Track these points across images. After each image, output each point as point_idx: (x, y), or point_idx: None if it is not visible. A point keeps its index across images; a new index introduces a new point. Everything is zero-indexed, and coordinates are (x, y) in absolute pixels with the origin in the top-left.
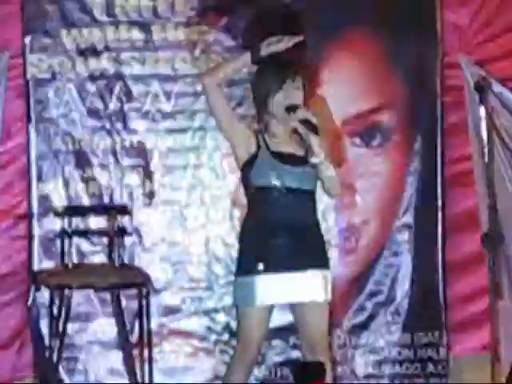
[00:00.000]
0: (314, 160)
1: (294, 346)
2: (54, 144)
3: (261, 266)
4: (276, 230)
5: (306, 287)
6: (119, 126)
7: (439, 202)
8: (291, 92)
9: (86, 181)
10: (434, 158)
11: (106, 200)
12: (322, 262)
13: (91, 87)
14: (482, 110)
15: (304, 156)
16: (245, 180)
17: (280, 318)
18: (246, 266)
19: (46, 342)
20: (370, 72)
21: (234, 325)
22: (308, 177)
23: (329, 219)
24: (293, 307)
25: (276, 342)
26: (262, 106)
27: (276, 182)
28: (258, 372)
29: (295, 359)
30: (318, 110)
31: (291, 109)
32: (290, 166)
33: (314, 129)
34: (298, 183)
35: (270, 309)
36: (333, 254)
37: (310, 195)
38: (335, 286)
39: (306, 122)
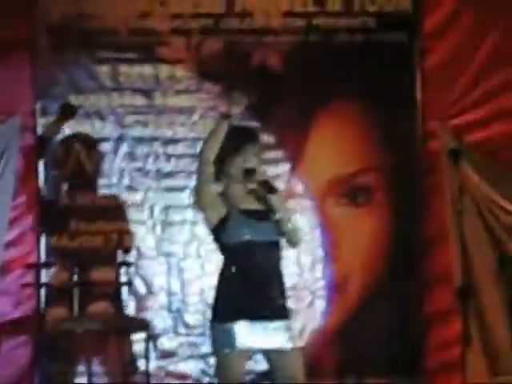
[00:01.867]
0: (275, 217)
1: None
2: (62, 199)
3: (237, 315)
4: (250, 281)
5: (277, 335)
6: (123, 184)
7: (419, 258)
8: (250, 156)
9: (93, 234)
10: (414, 216)
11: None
12: (286, 313)
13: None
14: (456, 174)
15: (265, 211)
16: (218, 239)
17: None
18: (223, 313)
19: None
20: (356, 138)
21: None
22: (272, 229)
23: (316, 271)
24: (267, 355)
25: None
26: (221, 168)
27: (249, 237)
28: None
29: None
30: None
31: (249, 172)
32: (257, 221)
33: (271, 188)
34: (266, 236)
35: (248, 355)
36: (319, 305)
37: (277, 246)
38: (320, 335)
39: (264, 184)
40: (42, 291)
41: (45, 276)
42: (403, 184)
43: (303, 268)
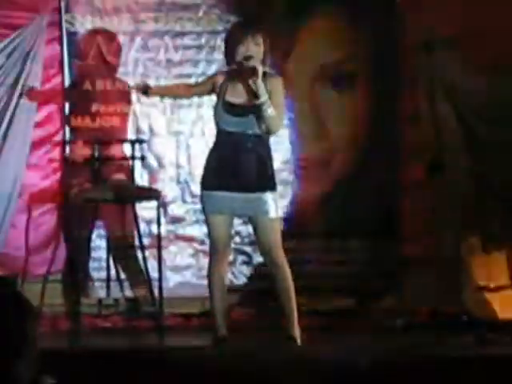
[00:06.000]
0: (257, 101)
1: None
2: (84, 86)
3: (220, 185)
4: (231, 161)
5: (259, 205)
6: (138, 72)
7: (395, 135)
8: (250, 45)
9: (111, 115)
10: (391, 99)
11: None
12: (271, 185)
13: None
14: (429, 63)
15: (250, 105)
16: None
17: None
18: (209, 183)
19: (76, 243)
20: (342, 30)
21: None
22: (252, 124)
23: (306, 147)
24: (251, 221)
25: None
26: (230, 57)
27: (226, 128)
28: (246, 270)
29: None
30: (274, 87)
31: (247, 58)
32: (234, 116)
33: (256, 75)
34: (243, 129)
35: (231, 218)
36: (309, 176)
37: (258, 137)
38: (310, 202)
39: (250, 69)
40: (68, 165)
41: (69, 152)
42: (383, 72)
43: (294, 144)
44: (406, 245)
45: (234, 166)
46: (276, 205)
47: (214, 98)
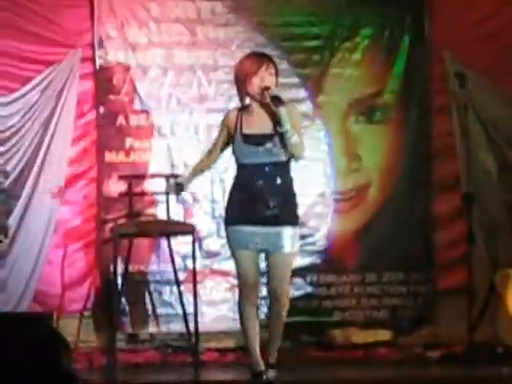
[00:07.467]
0: (281, 129)
1: (311, 283)
2: (118, 121)
3: (242, 219)
4: (253, 194)
5: (277, 240)
6: (171, 106)
7: (429, 167)
8: (265, 76)
9: (145, 150)
10: (424, 132)
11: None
12: (293, 220)
13: (148, 76)
14: (462, 94)
15: (270, 134)
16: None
17: (299, 260)
18: (234, 218)
19: (112, 279)
20: (373, 65)
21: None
22: (273, 152)
23: (340, 180)
24: (266, 256)
25: (296, 280)
26: (242, 87)
27: (246, 161)
28: None
29: (311, 293)
30: (291, 114)
31: (265, 89)
32: (255, 146)
33: (282, 103)
34: (264, 159)
35: (258, 252)
36: (343, 210)
37: (280, 165)
38: (344, 236)
39: (276, 98)
40: (102, 201)
41: (104, 188)
42: (415, 104)
43: (329, 177)
44: (441, 277)
45: (256, 198)
46: (293, 240)
47: None
